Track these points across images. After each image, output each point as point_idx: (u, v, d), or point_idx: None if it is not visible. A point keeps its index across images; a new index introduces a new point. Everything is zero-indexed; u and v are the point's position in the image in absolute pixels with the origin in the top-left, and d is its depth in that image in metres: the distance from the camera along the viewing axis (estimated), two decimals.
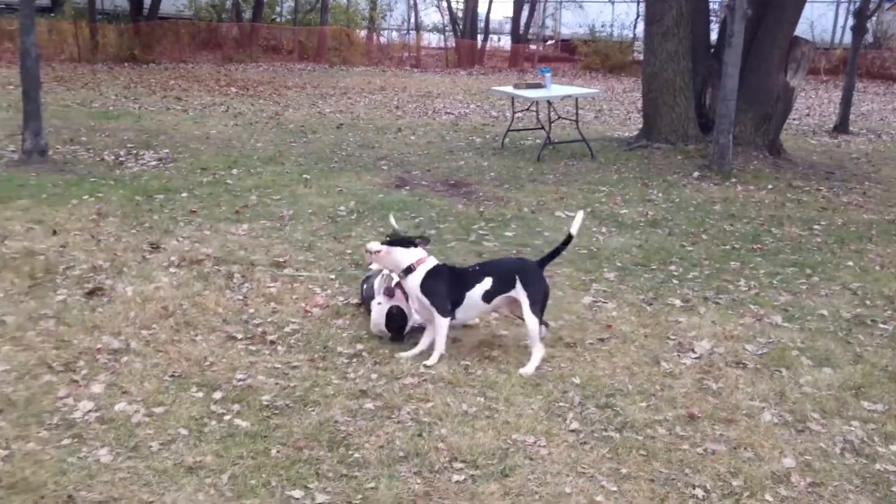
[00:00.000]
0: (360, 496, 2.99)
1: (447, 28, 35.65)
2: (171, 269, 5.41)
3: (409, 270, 4.21)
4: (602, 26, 33.38)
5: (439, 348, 4.20)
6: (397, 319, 4.40)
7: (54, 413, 3.47)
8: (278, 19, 33.02)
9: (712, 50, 11.50)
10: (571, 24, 35.60)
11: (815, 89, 23.06)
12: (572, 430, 3.52)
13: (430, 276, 4.20)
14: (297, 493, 2.98)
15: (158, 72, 21.21)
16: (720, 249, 6.47)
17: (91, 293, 4.86)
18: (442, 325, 4.18)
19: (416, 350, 4.27)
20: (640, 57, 23.94)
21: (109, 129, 11.33)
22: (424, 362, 4.11)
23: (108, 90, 16.45)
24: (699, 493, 3.07)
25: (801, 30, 15.25)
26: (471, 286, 4.21)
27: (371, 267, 4.81)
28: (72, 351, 4.08)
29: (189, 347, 4.22)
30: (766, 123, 10.51)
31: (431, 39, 37.74)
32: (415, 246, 4.25)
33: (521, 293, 4.14)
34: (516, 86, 11.33)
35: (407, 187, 8.36)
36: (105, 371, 3.90)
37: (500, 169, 9.51)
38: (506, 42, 37.32)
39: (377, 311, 4.43)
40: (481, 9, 34.44)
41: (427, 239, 4.42)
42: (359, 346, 4.32)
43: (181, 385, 3.81)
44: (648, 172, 9.48)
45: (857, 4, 16.45)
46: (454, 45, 33.18)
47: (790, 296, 5.40)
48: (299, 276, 5.40)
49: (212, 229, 6.45)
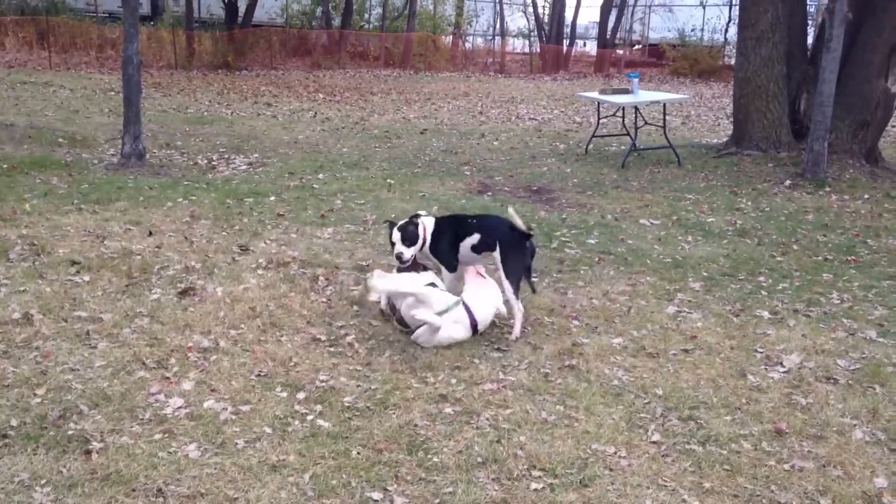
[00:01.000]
0: (438, 500, 3.00)
1: (533, 33, 35.55)
2: (259, 271, 5.56)
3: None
4: (692, 30, 32.69)
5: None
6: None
7: (147, 408, 3.61)
8: (366, 26, 33.59)
9: (808, 54, 11.11)
10: (660, 28, 34.99)
11: None
12: (654, 442, 3.45)
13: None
14: (377, 495, 3.02)
15: (250, 78, 21.87)
16: (812, 261, 6.23)
17: (183, 293, 5.05)
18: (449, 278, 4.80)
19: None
20: (732, 62, 23.33)
21: (203, 134, 11.74)
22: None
23: (203, 96, 17.07)
24: None
25: None
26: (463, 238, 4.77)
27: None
28: (164, 348, 4.24)
29: (275, 348, 4.33)
30: (864, 131, 10.07)
31: (516, 45, 37.71)
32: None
33: (497, 257, 4.65)
34: (602, 91, 11.21)
35: (489, 193, 8.37)
36: (195, 369, 4.04)
37: (584, 175, 9.42)
38: (592, 47, 36.99)
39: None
40: (568, 13, 34.24)
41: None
42: (438, 351, 4.35)
43: (266, 384, 3.91)
44: (738, 180, 9.22)
45: None
46: (539, 50, 33.05)
47: (886, 310, 5.16)
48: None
49: (298, 232, 6.61)
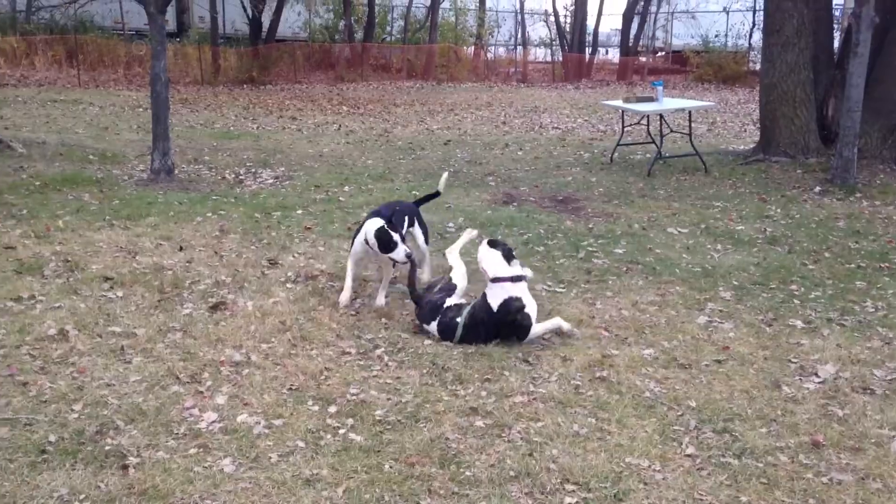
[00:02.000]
0: None
1: (554, 42, 35.54)
2: (288, 285, 5.60)
3: None
4: (715, 36, 32.50)
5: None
6: None
7: (181, 423, 3.64)
8: (388, 38, 33.79)
9: (835, 59, 11.00)
10: (683, 35, 34.84)
11: None
12: (688, 455, 3.42)
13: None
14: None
15: (275, 92, 22.08)
16: (845, 268, 6.16)
17: (215, 307, 5.09)
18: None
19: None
20: (756, 67, 23.16)
21: (230, 149, 11.86)
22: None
23: (229, 111, 17.26)
24: None
25: None
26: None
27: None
28: (197, 363, 4.28)
29: (305, 361, 4.35)
30: (894, 135, 9.95)
31: (538, 54, 37.74)
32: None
33: (417, 230, 5.65)
34: (626, 99, 11.17)
35: (515, 203, 8.37)
36: (228, 383, 4.07)
37: (609, 184, 9.39)
38: (614, 55, 36.92)
39: None
40: (589, 22, 34.21)
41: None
42: (467, 363, 4.35)
43: (298, 398, 3.93)
44: (766, 187, 9.14)
45: None
46: (561, 59, 33.04)
47: None
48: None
49: (325, 245, 6.65)
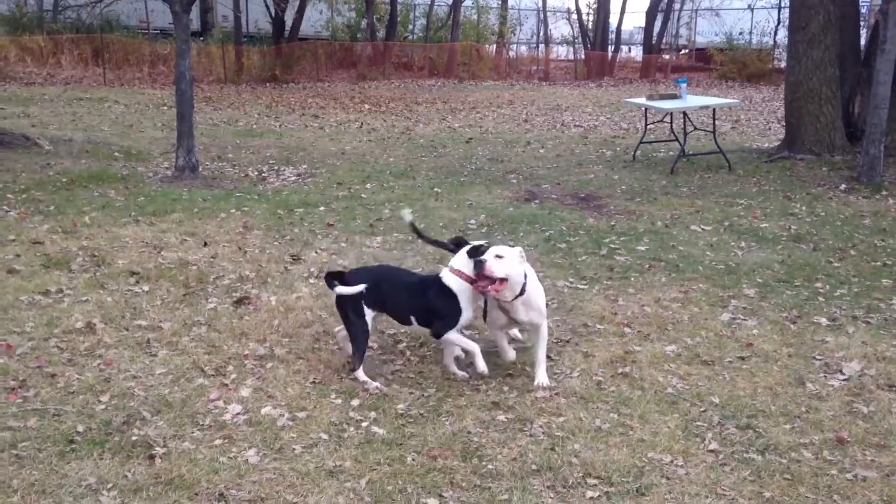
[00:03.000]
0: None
1: (577, 40, 35.40)
2: (311, 280, 5.63)
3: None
4: (740, 34, 32.21)
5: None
6: None
7: (206, 414, 3.68)
8: (410, 37, 33.82)
9: (862, 56, 10.88)
10: (707, 32, 34.57)
11: None
12: (711, 451, 3.41)
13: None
14: (432, 501, 3.04)
15: (297, 91, 22.18)
16: (870, 266, 6.09)
17: (239, 302, 5.14)
18: None
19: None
20: (782, 65, 22.94)
21: (253, 147, 11.94)
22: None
23: (252, 109, 17.37)
24: None
25: None
26: None
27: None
28: (222, 356, 4.32)
29: (328, 356, 4.38)
30: None
31: (561, 52, 37.60)
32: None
33: None
34: (650, 97, 11.12)
35: (536, 200, 8.36)
36: (252, 376, 4.11)
37: (632, 182, 9.35)
38: (637, 52, 36.71)
39: None
40: (612, 19, 34.04)
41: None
42: (489, 359, 4.35)
43: (321, 391, 3.96)
44: (791, 185, 9.06)
45: None
46: (584, 56, 32.91)
47: None
48: None
49: (348, 242, 6.68)
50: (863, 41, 11.72)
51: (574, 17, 35.57)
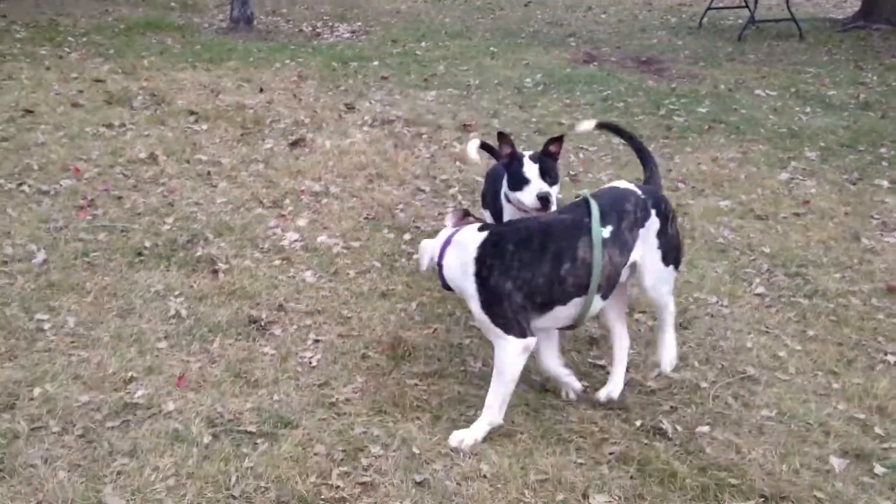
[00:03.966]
0: None
1: None
2: (365, 128, 5.66)
3: None
4: None
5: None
6: None
7: (265, 239, 3.82)
8: None
9: None
10: None
11: None
12: (757, 294, 3.45)
13: None
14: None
15: None
16: None
17: (294, 144, 5.21)
18: None
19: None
20: None
21: (307, 2, 11.73)
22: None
23: None
24: (890, 358, 2.95)
25: None
26: None
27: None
28: (279, 191, 4.43)
29: (381, 195, 4.46)
30: None
31: None
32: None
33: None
34: None
35: (595, 63, 8.14)
36: (307, 210, 4.22)
37: (696, 48, 9.01)
38: None
39: None
40: None
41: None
42: None
43: (374, 226, 4.07)
44: (864, 55, 8.64)
45: None
46: None
47: None
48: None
49: (402, 94, 6.65)
50: None
51: None
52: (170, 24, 8.89)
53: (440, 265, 2.57)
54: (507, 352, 2.44)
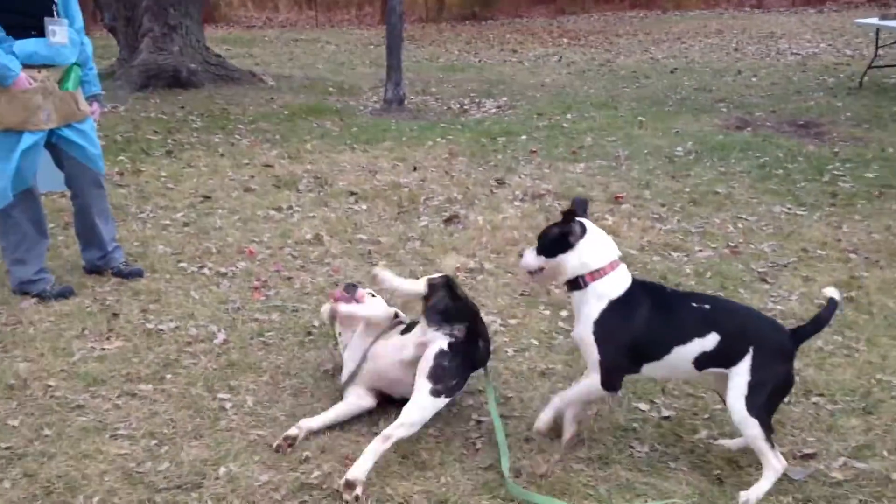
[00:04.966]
0: (703, 412, 3.00)
1: None
2: (516, 203, 5.75)
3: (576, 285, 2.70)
4: None
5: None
6: None
7: None
8: None
9: None
10: None
11: None
12: None
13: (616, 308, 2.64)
14: (644, 406, 3.08)
15: (496, 27, 22.20)
16: None
17: (448, 220, 5.37)
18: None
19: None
20: None
21: (454, 81, 12.18)
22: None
23: (452, 46, 17.63)
24: None
25: None
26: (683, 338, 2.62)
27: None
28: (435, 268, 4.55)
29: None
30: None
31: None
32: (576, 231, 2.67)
33: (740, 371, 2.56)
34: (884, 16, 10.09)
35: (749, 128, 7.93)
36: (463, 286, 4.30)
37: (858, 109, 8.59)
38: None
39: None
40: None
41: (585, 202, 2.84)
42: (701, 279, 4.27)
43: (530, 303, 4.09)
44: None
45: None
46: None
47: None
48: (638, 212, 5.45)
49: (550, 167, 6.72)
50: None
51: None
52: (329, 108, 9.46)
53: None
54: None
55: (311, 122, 8.68)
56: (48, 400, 3.18)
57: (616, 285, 2.64)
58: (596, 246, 2.66)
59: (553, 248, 2.69)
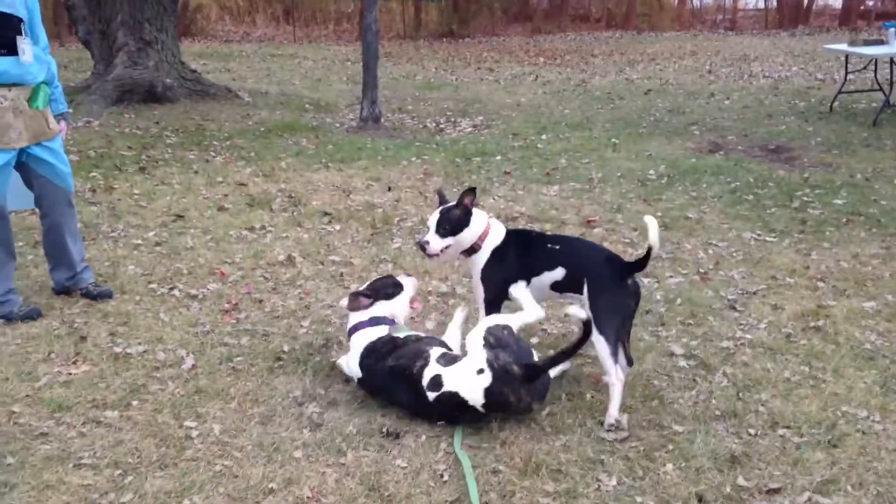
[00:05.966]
0: (673, 447, 3.01)
1: None
2: None
3: (472, 251, 3.51)
4: None
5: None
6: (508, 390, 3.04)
7: None
8: None
9: None
10: None
11: None
12: None
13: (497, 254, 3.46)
14: (611, 436, 3.08)
15: (473, 45, 22.32)
16: None
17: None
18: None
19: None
20: None
21: (431, 99, 12.22)
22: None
23: (429, 63, 17.70)
24: None
25: None
26: (538, 271, 3.39)
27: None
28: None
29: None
30: None
31: (749, 0, 35.26)
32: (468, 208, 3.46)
33: (587, 301, 3.23)
34: (852, 42, 10.27)
35: (721, 152, 8.03)
36: (435, 311, 4.31)
37: (828, 134, 8.74)
38: None
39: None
40: None
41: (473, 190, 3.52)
42: (671, 306, 4.30)
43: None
44: None
45: None
46: (776, 3, 30.71)
47: None
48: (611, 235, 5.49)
49: (524, 189, 6.75)
50: None
51: None
52: (304, 125, 9.45)
53: None
54: None
55: (286, 139, 8.66)
56: (11, 427, 3.13)
57: (496, 237, 3.46)
58: (476, 215, 3.45)
59: (457, 227, 3.42)
